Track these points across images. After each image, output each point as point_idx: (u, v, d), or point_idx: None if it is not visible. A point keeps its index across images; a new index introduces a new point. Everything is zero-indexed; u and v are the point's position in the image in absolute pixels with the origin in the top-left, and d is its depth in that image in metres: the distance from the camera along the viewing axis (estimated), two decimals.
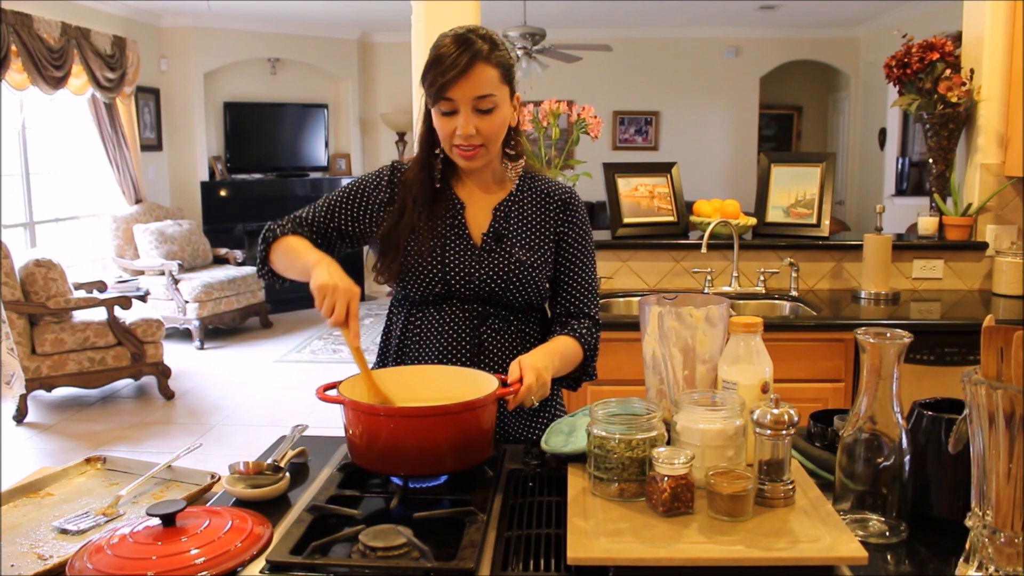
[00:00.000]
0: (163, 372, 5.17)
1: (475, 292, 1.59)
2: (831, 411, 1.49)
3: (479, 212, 1.63)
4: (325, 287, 1.37)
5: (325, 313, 1.37)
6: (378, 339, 1.79)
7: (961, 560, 1.04)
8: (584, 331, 1.64)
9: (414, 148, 1.71)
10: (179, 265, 6.32)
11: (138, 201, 6.79)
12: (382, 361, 1.73)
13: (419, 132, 1.64)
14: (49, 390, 4.84)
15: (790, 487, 1.15)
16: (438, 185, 1.62)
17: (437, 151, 1.61)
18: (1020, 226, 3.24)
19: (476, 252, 1.60)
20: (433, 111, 1.54)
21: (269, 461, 1.37)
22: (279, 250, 1.61)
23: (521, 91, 1.66)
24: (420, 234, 1.59)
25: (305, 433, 1.55)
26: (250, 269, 6.89)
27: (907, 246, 3.28)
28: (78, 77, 6.03)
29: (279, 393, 5.28)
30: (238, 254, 7.08)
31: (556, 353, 1.53)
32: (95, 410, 5.00)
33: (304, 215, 1.70)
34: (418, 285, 1.59)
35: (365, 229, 1.66)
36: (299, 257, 1.53)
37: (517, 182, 1.67)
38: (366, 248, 1.75)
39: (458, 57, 1.48)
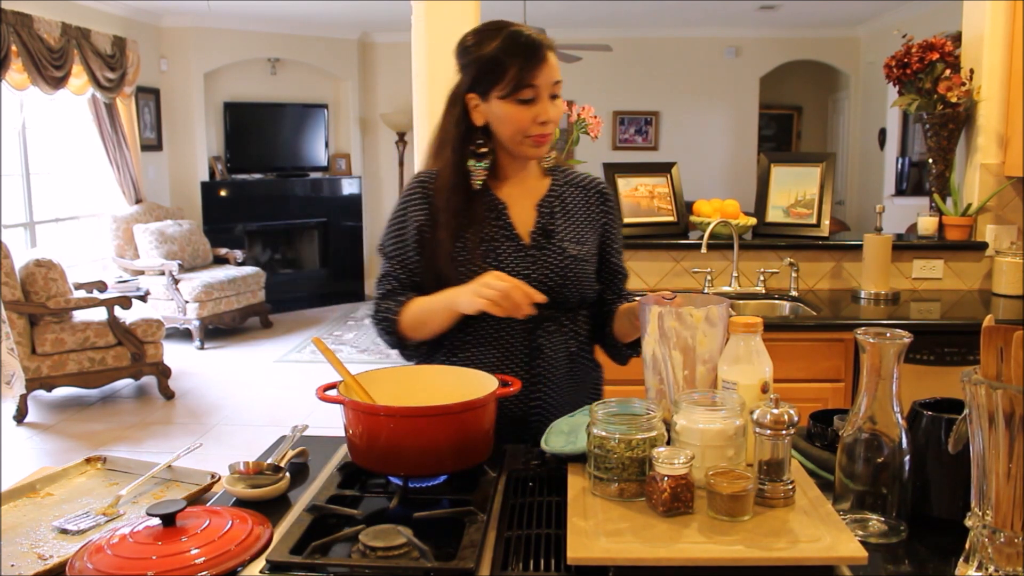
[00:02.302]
0: (163, 372, 5.17)
1: None
2: (831, 411, 1.49)
3: (522, 210, 1.62)
4: (499, 299, 1.40)
5: (513, 311, 1.41)
6: (378, 339, 1.78)
7: (961, 560, 1.04)
8: (626, 300, 1.68)
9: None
10: (179, 265, 6.32)
11: (138, 201, 6.79)
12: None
13: (450, 136, 1.59)
14: (49, 390, 4.84)
15: (790, 487, 1.15)
16: (479, 187, 1.59)
17: (484, 150, 1.58)
18: (1020, 226, 3.24)
19: (528, 251, 1.58)
20: (504, 103, 1.52)
21: (269, 461, 1.37)
22: (407, 325, 1.59)
23: None
24: (467, 241, 1.56)
25: (305, 433, 1.55)
26: (250, 269, 6.89)
27: (907, 246, 3.28)
28: (78, 77, 6.03)
29: (279, 393, 5.28)
30: (238, 254, 7.08)
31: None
32: (95, 410, 5.00)
33: (391, 287, 1.63)
34: None
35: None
36: (431, 309, 1.54)
37: (553, 176, 1.67)
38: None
39: (536, 45, 1.51)
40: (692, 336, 1.34)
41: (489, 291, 1.40)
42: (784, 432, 1.15)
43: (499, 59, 1.50)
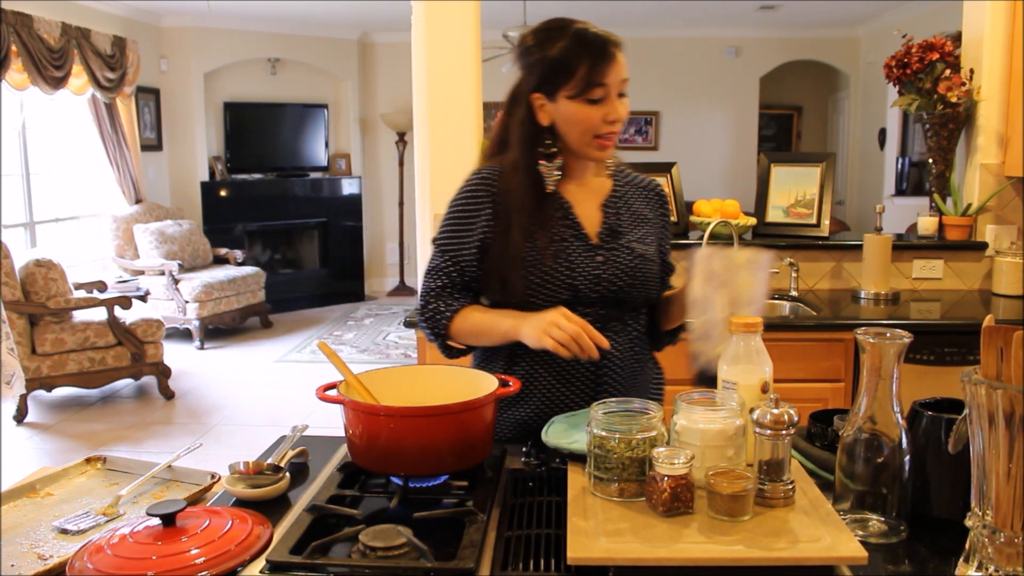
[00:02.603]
0: (163, 372, 5.17)
1: (600, 294, 1.55)
2: (831, 411, 1.49)
3: (588, 210, 1.61)
4: (567, 342, 1.39)
5: (577, 352, 1.40)
6: (378, 339, 1.78)
7: (961, 560, 1.04)
8: None
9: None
10: (179, 265, 6.32)
11: (138, 201, 6.79)
12: (489, 371, 1.64)
13: (518, 136, 1.57)
14: (49, 390, 4.84)
15: (790, 487, 1.15)
16: (552, 188, 1.57)
17: (553, 150, 1.56)
18: (1020, 226, 3.24)
19: (598, 251, 1.57)
20: (572, 103, 1.50)
21: (269, 461, 1.37)
22: (459, 333, 1.58)
23: None
24: (540, 244, 1.54)
25: (305, 433, 1.55)
26: (250, 269, 6.89)
27: (907, 246, 3.28)
28: (78, 77, 6.03)
29: (279, 393, 5.27)
30: (238, 254, 7.08)
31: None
32: (95, 410, 5.00)
33: (443, 283, 1.60)
34: (545, 296, 1.53)
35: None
36: (490, 330, 1.53)
37: (614, 177, 1.66)
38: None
39: (605, 43, 1.49)
40: (736, 277, 1.38)
41: (559, 332, 1.39)
42: (784, 432, 1.15)
43: (568, 59, 1.48)
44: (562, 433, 1.39)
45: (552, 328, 1.40)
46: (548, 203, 1.57)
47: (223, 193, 7.61)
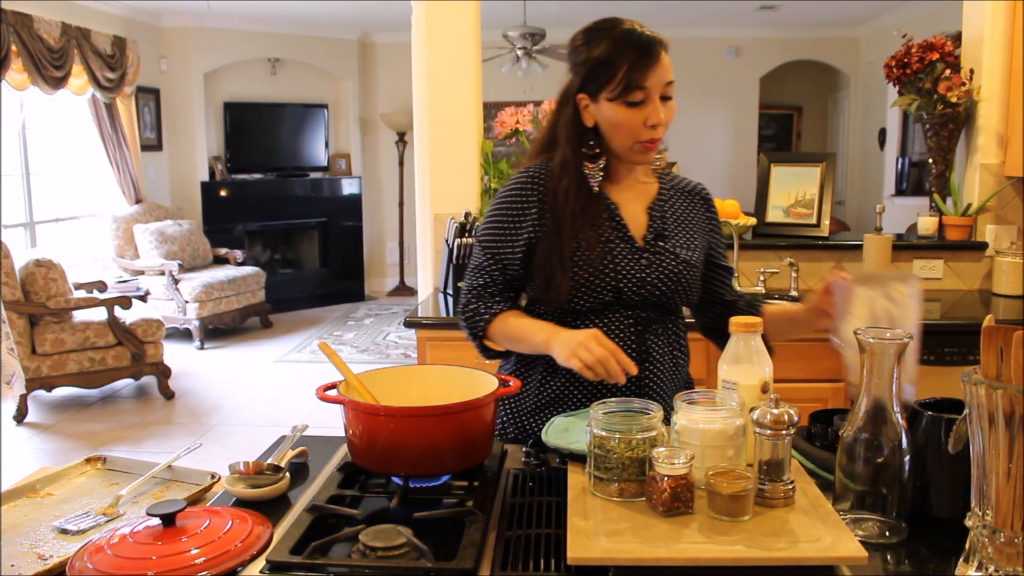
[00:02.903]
0: (163, 372, 5.17)
1: (644, 297, 1.55)
2: (831, 411, 1.49)
3: (634, 212, 1.60)
4: (594, 364, 1.35)
5: (603, 376, 1.36)
6: (378, 339, 1.78)
7: (961, 560, 1.04)
8: (748, 300, 1.69)
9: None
10: (179, 265, 6.32)
11: (138, 201, 6.79)
12: (526, 377, 1.65)
13: (566, 136, 1.55)
14: (49, 390, 4.84)
15: (790, 487, 1.15)
16: (596, 189, 1.56)
17: (597, 151, 1.55)
18: (1020, 226, 3.24)
19: (643, 254, 1.56)
20: (613, 105, 1.48)
21: (269, 461, 1.37)
22: (496, 335, 1.58)
23: (521, 91, 1.65)
24: (586, 244, 1.53)
25: (305, 433, 1.55)
26: (250, 269, 6.89)
27: (907, 246, 3.28)
28: (78, 77, 6.03)
29: (279, 393, 5.28)
30: (238, 254, 7.08)
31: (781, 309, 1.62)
32: (95, 410, 5.00)
33: (484, 281, 1.60)
34: (589, 296, 1.53)
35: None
36: (524, 339, 1.53)
37: (660, 180, 1.65)
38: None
39: (648, 45, 1.46)
40: (902, 314, 1.35)
41: (586, 354, 1.35)
42: (784, 432, 1.15)
43: (609, 59, 1.46)
44: (562, 433, 1.39)
45: (581, 349, 1.36)
46: (595, 204, 1.56)
47: (223, 193, 7.62)
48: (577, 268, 1.52)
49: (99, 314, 4.95)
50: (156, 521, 1.12)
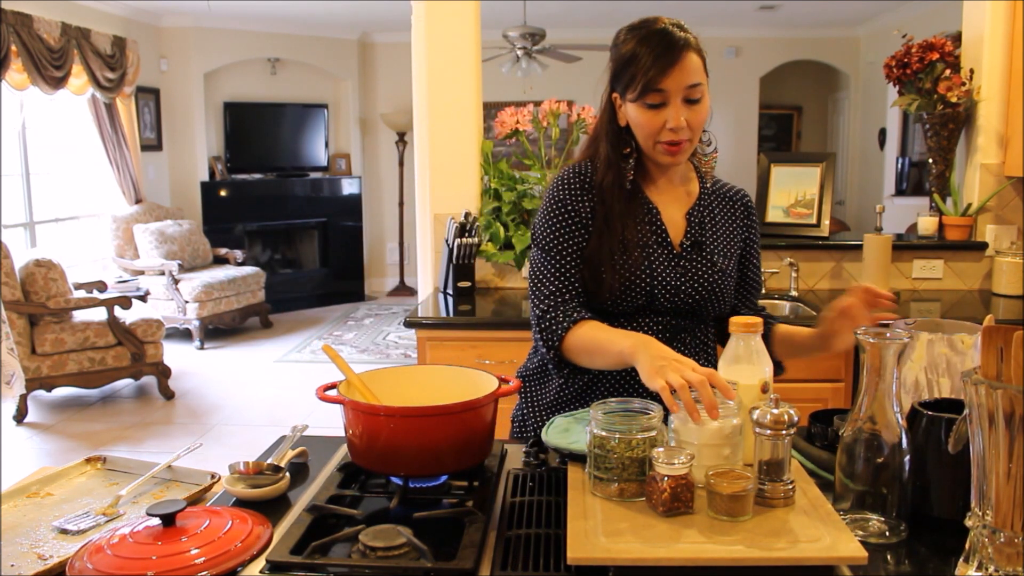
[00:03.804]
0: (163, 372, 5.17)
1: (676, 304, 1.53)
2: (831, 411, 1.49)
3: (673, 217, 1.57)
4: (685, 386, 1.16)
5: (690, 408, 1.16)
6: (378, 339, 1.78)
7: (961, 560, 1.04)
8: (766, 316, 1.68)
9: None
10: (179, 265, 6.32)
11: (138, 201, 6.79)
12: (544, 377, 1.64)
13: (604, 133, 1.55)
14: (49, 390, 4.84)
15: (790, 487, 1.15)
16: (629, 187, 1.54)
17: (628, 150, 1.54)
18: (1020, 226, 3.24)
19: (679, 261, 1.54)
20: (634, 106, 1.46)
21: (269, 461, 1.37)
22: (574, 346, 1.46)
23: (521, 91, 1.64)
24: (628, 244, 1.51)
25: (305, 433, 1.54)
26: (250, 269, 6.89)
27: (907, 246, 3.28)
28: (78, 77, 6.03)
29: (279, 393, 5.28)
30: (238, 254, 7.08)
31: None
32: (95, 410, 5.00)
33: (554, 287, 1.51)
34: (623, 299, 1.51)
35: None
36: (606, 348, 1.39)
37: (701, 185, 1.61)
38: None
39: (669, 47, 1.42)
40: (962, 362, 1.32)
41: (677, 378, 1.17)
42: (784, 432, 1.15)
43: (630, 60, 1.44)
44: (562, 433, 1.39)
45: (671, 369, 1.19)
46: (637, 204, 1.55)
47: (223, 193, 7.62)
48: (617, 267, 1.50)
49: (99, 314, 4.95)
50: (156, 521, 1.12)
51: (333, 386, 1.36)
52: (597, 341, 1.42)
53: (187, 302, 6.30)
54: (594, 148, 1.58)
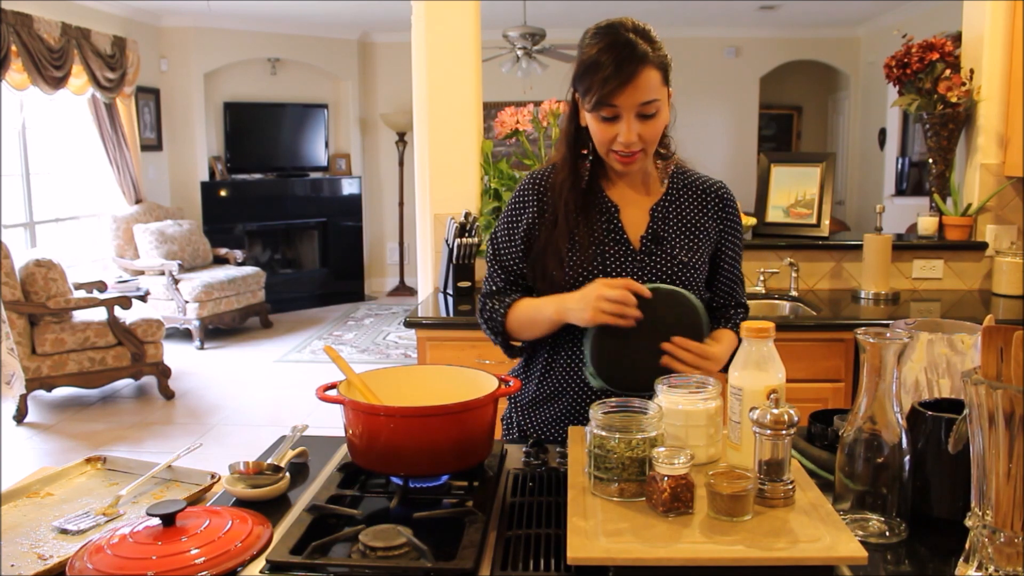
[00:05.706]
0: (163, 372, 5.17)
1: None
2: (831, 411, 1.49)
3: (635, 214, 1.58)
4: (606, 306, 1.40)
5: (619, 313, 1.40)
6: (378, 339, 1.79)
7: (961, 560, 1.04)
8: (739, 319, 1.65)
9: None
10: (179, 265, 6.32)
11: (138, 201, 6.79)
12: (526, 376, 1.68)
13: (564, 131, 1.57)
14: (49, 390, 4.84)
15: (790, 487, 1.15)
16: (584, 186, 1.56)
17: (585, 151, 1.56)
18: (1020, 226, 3.24)
19: (636, 256, 1.55)
20: (590, 116, 1.48)
21: (269, 461, 1.37)
22: (514, 327, 1.59)
23: (521, 91, 1.64)
24: (579, 241, 1.54)
25: (305, 433, 1.55)
26: (250, 269, 6.89)
27: (907, 246, 3.28)
28: (78, 77, 6.03)
29: (279, 393, 5.28)
30: (238, 254, 7.08)
31: (730, 349, 1.55)
32: (95, 410, 5.00)
33: (495, 286, 1.65)
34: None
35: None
36: (536, 317, 1.54)
37: (670, 179, 1.62)
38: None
39: (624, 63, 1.40)
40: (962, 362, 1.33)
41: (610, 305, 1.40)
42: (784, 432, 1.15)
43: (589, 68, 1.43)
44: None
45: (601, 303, 1.40)
46: (593, 204, 1.56)
47: (223, 193, 7.62)
48: (568, 269, 1.53)
49: (99, 314, 4.95)
50: (156, 521, 1.12)
51: (333, 386, 1.36)
52: (528, 314, 1.56)
53: (187, 302, 6.30)
54: (560, 150, 1.61)
